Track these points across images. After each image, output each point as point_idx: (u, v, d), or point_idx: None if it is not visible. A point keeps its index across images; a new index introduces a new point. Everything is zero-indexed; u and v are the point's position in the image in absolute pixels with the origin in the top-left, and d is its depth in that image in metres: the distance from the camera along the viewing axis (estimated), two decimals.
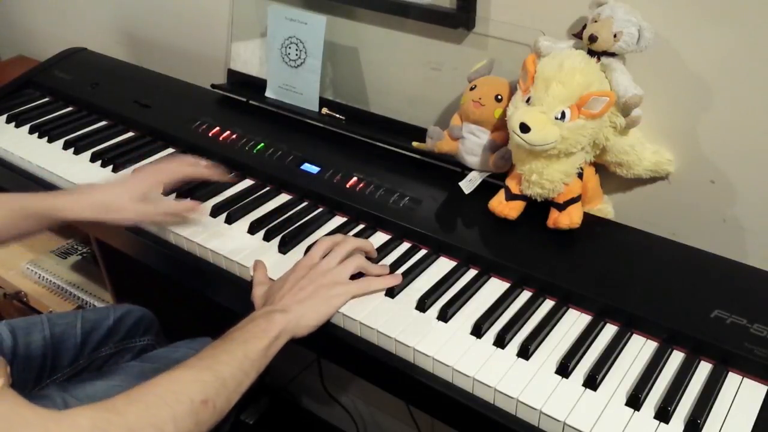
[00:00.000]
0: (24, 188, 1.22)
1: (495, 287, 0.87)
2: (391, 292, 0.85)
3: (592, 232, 0.91)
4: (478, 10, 1.01)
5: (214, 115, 1.23)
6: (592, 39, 0.86)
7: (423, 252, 0.92)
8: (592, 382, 0.73)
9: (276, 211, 1.01)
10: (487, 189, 0.97)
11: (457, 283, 0.87)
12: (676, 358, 0.76)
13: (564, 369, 0.74)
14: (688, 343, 0.76)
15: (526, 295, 0.85)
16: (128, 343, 1.14)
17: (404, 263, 0.90)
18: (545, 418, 0.70)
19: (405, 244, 0.94)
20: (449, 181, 1.00)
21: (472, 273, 0.89)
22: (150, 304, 1.22)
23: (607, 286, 0.83)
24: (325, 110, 1.19)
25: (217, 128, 1.18)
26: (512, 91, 0.93)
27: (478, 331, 0.79)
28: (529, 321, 0.81)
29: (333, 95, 1.21)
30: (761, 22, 0.82)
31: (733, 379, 0.74)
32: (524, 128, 0.84)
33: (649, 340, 0.78)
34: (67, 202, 0.92)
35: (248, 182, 1.09)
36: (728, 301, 0.79)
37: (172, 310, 1.30)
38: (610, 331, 0.80)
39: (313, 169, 1.07)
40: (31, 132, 1.26)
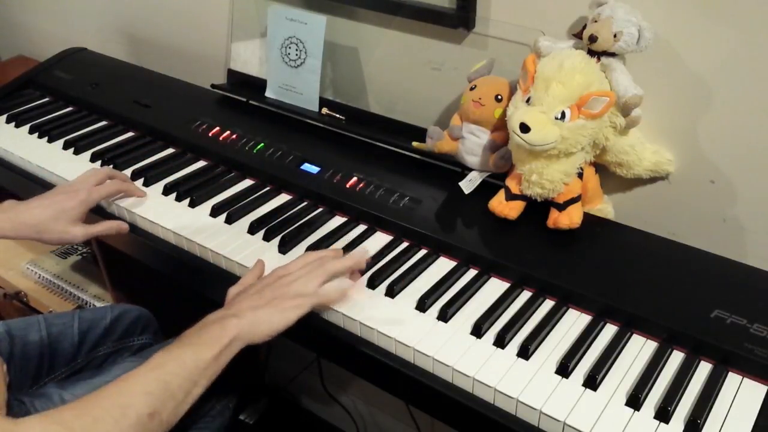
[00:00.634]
0: (24, 188, 1.22)
1: (495, 287, 0.87)
2: (391, 292, 0.85)
3: (592, 232, 0.91)
4: (478, 10, 1.01)
5: (214, 115, 1.23)
6: (592, 39, 0.86)
7: (423, 252, 0.92)
8: (592, 382, 0.73)
9: (276, 211, 1.01)
10: (487, 189, 0.97)
11: (457, 283, 0.87)
12: (676, 358, 0.76)
13: (564, 369, 0.74)
14: (688, 343, 0.76)
15: (526, 295, 0.85)
16: (126, 342, 1.14)
17: (404, 263, 0.90)
18: (545, 418, 0.70)
19: (405, 244, 0.94)
20: (449, 181, 1.00)
21: (472, 273, 0.89)
22: (150, 304, 1.22)
23: (607, 286, 0.83)
24: (325, 110, 1.19)
25: (217, 128, 1.18)
26: (512, 91, 0.93)
27: (478, 331, 0.79)
28: (529, 321, 0.81)
29: (333, 95, 1.21)
30: (761, 22, 0.82)
31: (733, 379, 0.74)
32: (524, 128, 0.84)
33: (649, 340, 0.78)
34: (2, 219, 0.95)
35: (248, 182, 1.09)
36: (728, 301, 0.79)
37: (172, 310, 1.29)
38: (610, 331, 0.80)
39: (313, 169, 1.07)
40: (31, 132, 1.26)
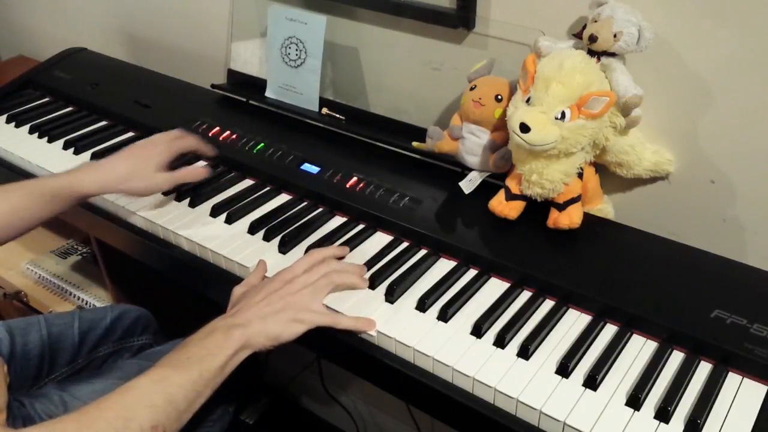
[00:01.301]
0: None
1: (495, 287, 0.87)
2: (391, 293, 0.85)
3: (592, 232, 0.91)
4: (478, 10, 1.01)
5: (214, 115, 1.23)
6: (592, 39, 0.86)
7: (423, 252, 0.92)
8: (592, 382, 0.73)
9: (276, 211, 1.01)
10: (487, 189, 0.96)
11: (457, 283, 0.87)
12: (676, 358, 0.76)
13: (564, 369, 0.74)
14: (688, 343, 0.76)
15: (526, 295, 0.85)
16: (126, 342, 1.14)
17: (404, 263, 0.90)
18: (545, 418, 0.70)
19: (405, 244, 0.94)
20: (449, 181, 1.00)
21: (472, 273, 0.89)
22: (150, 304, 1.22)
23: (607, 286, 0.83)
24: (325, 110, 1.19)
25: (217, 128, 1.18)
26: (512, 91, 0.93)
27: (478, 331, 0.79)
28: (529, 321, 0.81)
29: (333, 95, 1.21)
30: (761, 22, 0.82)
31: (733, 379, 0.74)
32: (524, 128, 0.84)
33: (649, 340, 0.78)
34: (86, 176, 0.94)
35: (248, 182, 1.09)
36: (728, 301, 0.79)
37: (172, 310, 1.30)
38: (610, 331, 0.80)
39: (313, 169, 1.06)
40: (31, 132, 1.26)
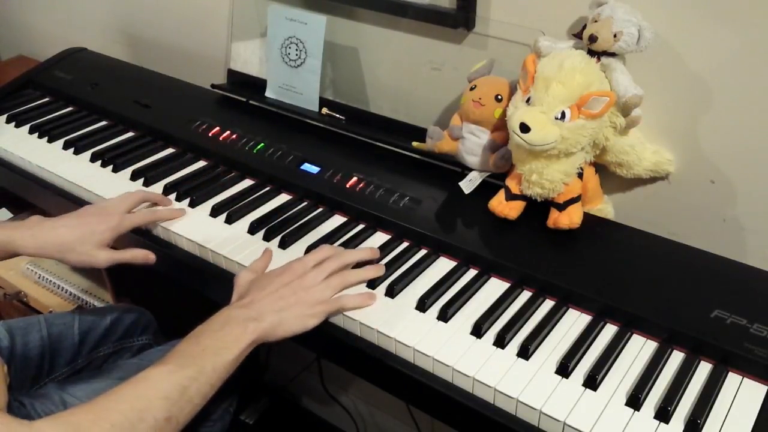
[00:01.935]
0: (24, 188, 1.22)
1: (495, 287, 0.87)
2: (391, 292, 0.85)
3: (592, 232, 0.91)
4: (478, 10, 1.01)
5: (214, 115, 1.23)
6: (592, 39, 0.86)
7: (423, 252, 0.92)
8: (592, 382, 0.73)
9: (276, 211, 1.01)
10: (487, 189, 0.96)
11: (457, 283, 0.87)
12: (676, 358, 0.76)
13: (564, 369, 0.74)
14: (688, 343, 0.76)
15: (526, 295, 0.85)
16: (126, 342, 1.14)
17: (404, 263, 0.90)
18: (545, 418, 0.70)
19: (405, 244, 0.94)
20: (449, 181, 1.00)
21: (472, 273, 0.89)
22: (150, 305, 1.22)
23: (607, 286, 0.83)
24: (325, 110, 1.19)
25: (217, 128, 1.18)
26: (512, 91, 0.93)
27: (478, 331, 0.79)
28: (529, 321, 0.81)
29: (333, 95, 1.21)
30: (761, 21, 0.82)
31: (733, 379, 0.74)
32: (524, 128, 0.84)
33: (649, 340, 0.78)
34: (26, 237, 0.91)
35: (248, 182, 1.09)
36: (728, 301, 0.79)
37: (172, 310, 1.30)
38: (610, 331, 0.80)
39: (313, 169, 1.07)
40: (31, 132, 1.26)
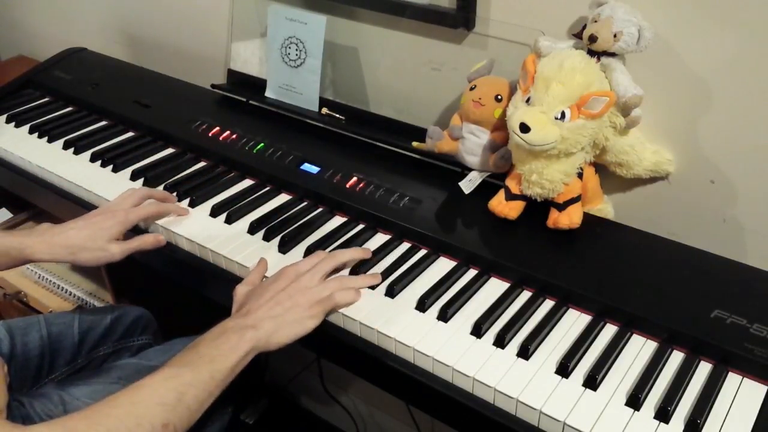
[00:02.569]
0: (24, 188, 1.22)
1: (495, 287, 0.87)
2: (391, 292, 0.85)
3: (592, 232, 0.91)
4: (478, 10, 1.01)
5: (214, 115, 1.23)
6: (592, 39, 0.86)
7: (423, 252, 0.92)
8: (592, 382, 0.73)
9: (276, 211, 1.01)
10: (487, 189, 0.96)
11: (457, 283, 0.87)
12: (676, 358, 0.76)
13: (564, 369, 0.74)
14: (688, 343, 0.76)
15: (526, 295, 0.85)
16: (126, 342, 1.14)
17: (404, 263, 0.90)
18: (545, 418, 0.70)
19: (405, 244, 0.94)
20: (449, 181, 1.00)
21: (472, 273, 0.89)
22: (150, 305, 1.22)
23: (607, 286, 0.83)
24: (325, 110, 1.19)
25: (217, 128, 1.18)
26: (512, 91, 0.93)
27: (478, 331, 0.79)
28: (529, 321, 0.81)
29: (333, 95, 1.21)
30: (761, 22, 0.82)
31: (733, 379, 0.74)
32: (524, 128, 0.84)
33: (649, 340, 0.78)
34: (37, 243, 0.92)
35: (248, 182, 1.09)
36: (728, 301, 0.79)
37: (172, 310, 1.30)
38: (610, 331, 0.80)
39: (313, 169, 1.07)
40: (31, 132, 1.26)
